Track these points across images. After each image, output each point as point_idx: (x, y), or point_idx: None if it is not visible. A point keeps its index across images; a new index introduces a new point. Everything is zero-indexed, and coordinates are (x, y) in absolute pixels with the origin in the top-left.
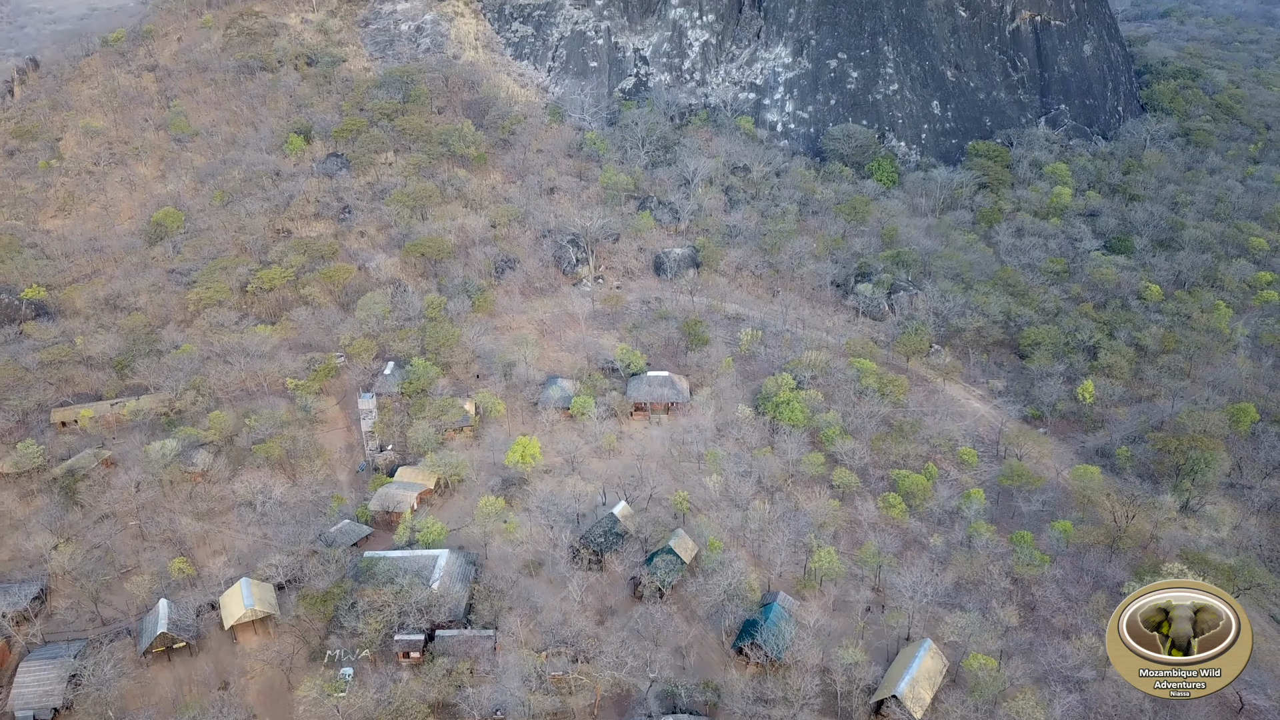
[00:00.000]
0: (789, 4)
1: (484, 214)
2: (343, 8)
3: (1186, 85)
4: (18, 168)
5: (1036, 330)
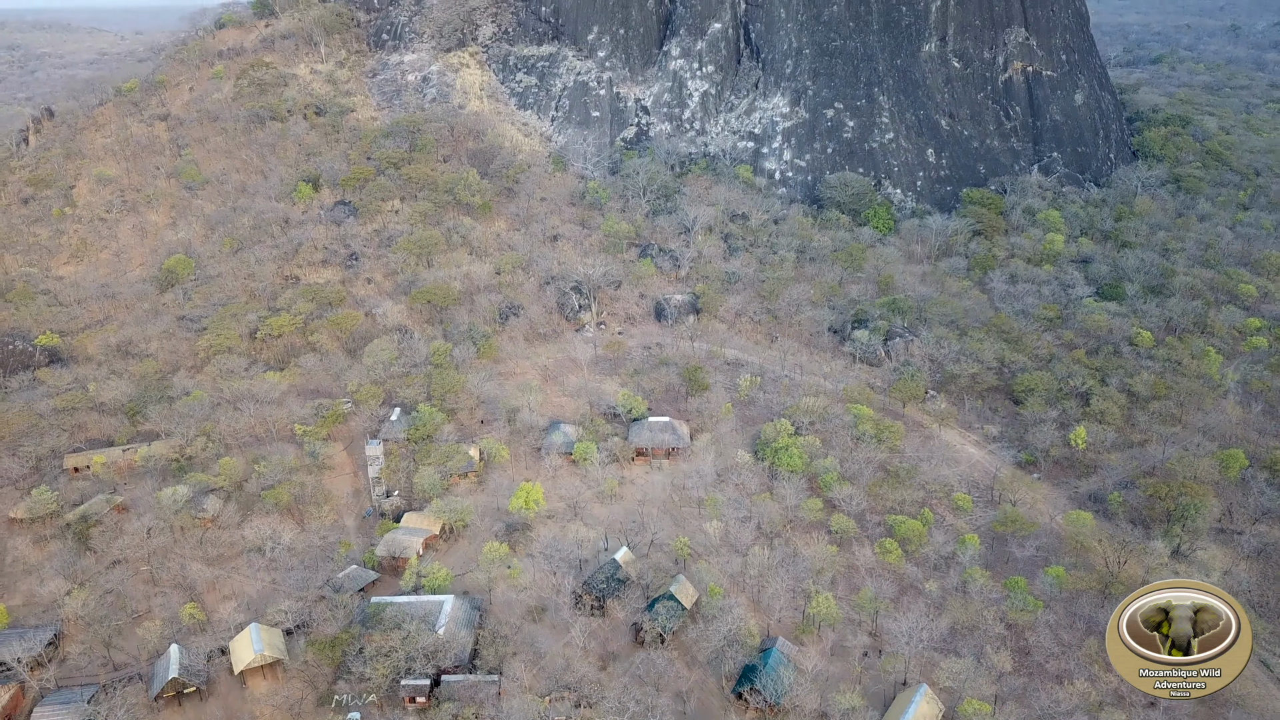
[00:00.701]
0: (786, 55)
1: (489, 261)
2: (351, 59)
3: (1177, 132)
4: (32, 215)
5: (1030, 376)
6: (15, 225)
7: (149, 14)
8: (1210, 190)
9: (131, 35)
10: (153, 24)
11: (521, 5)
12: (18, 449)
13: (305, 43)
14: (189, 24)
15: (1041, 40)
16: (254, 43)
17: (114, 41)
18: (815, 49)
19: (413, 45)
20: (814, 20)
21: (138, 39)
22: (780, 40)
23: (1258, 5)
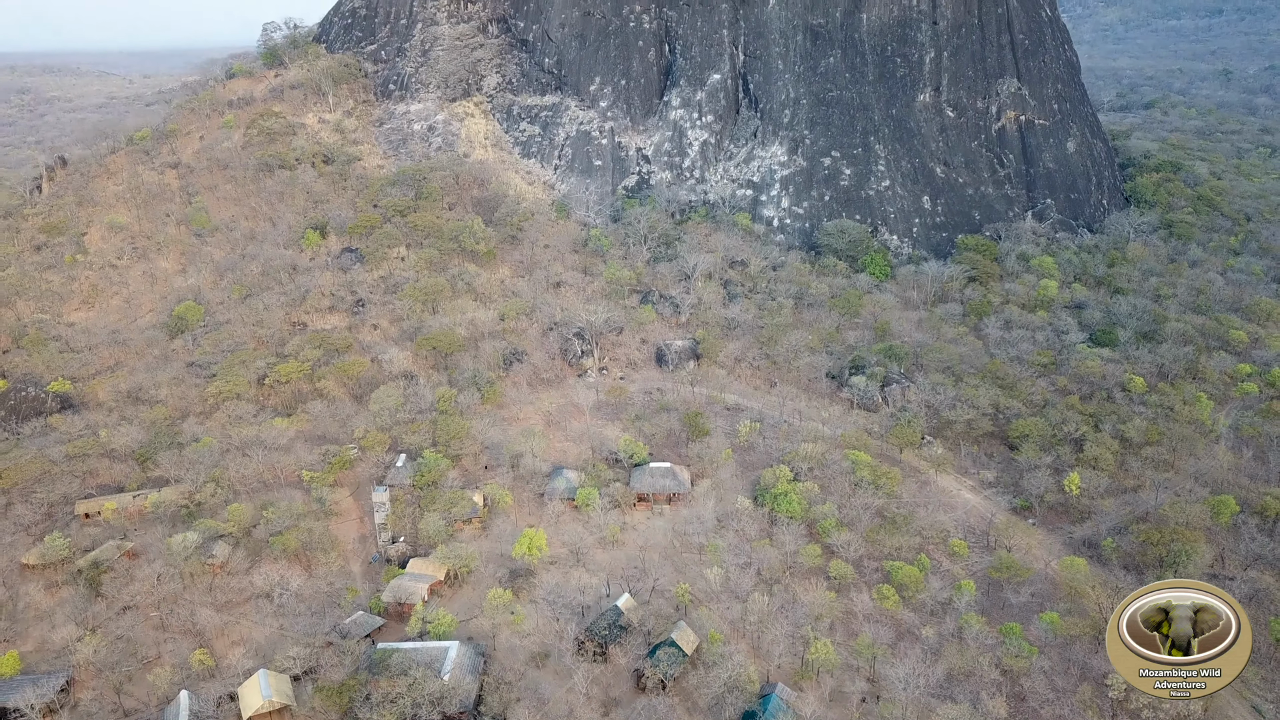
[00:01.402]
0: (784, 105)
1: (493, 307)
2: (358, 108)
3: (1169, 178)
4: (44, 261)
5: (1025, 422)
6: (28, 272)
7: (156, 57)
8: (1202, 236)
9: (139, 79)
10: (160, 68)
11: (525, 56)
12: (30, 495)
13: (314, 93)
14: (196, 68)
15: (1033, 90)
16: (263, 92)
17: (122, 85)
18: (812, 99)
19: (419, 95)
20: (811, 71)
21: (145, 83)
22: (778, 91)
23: (1248, 50)
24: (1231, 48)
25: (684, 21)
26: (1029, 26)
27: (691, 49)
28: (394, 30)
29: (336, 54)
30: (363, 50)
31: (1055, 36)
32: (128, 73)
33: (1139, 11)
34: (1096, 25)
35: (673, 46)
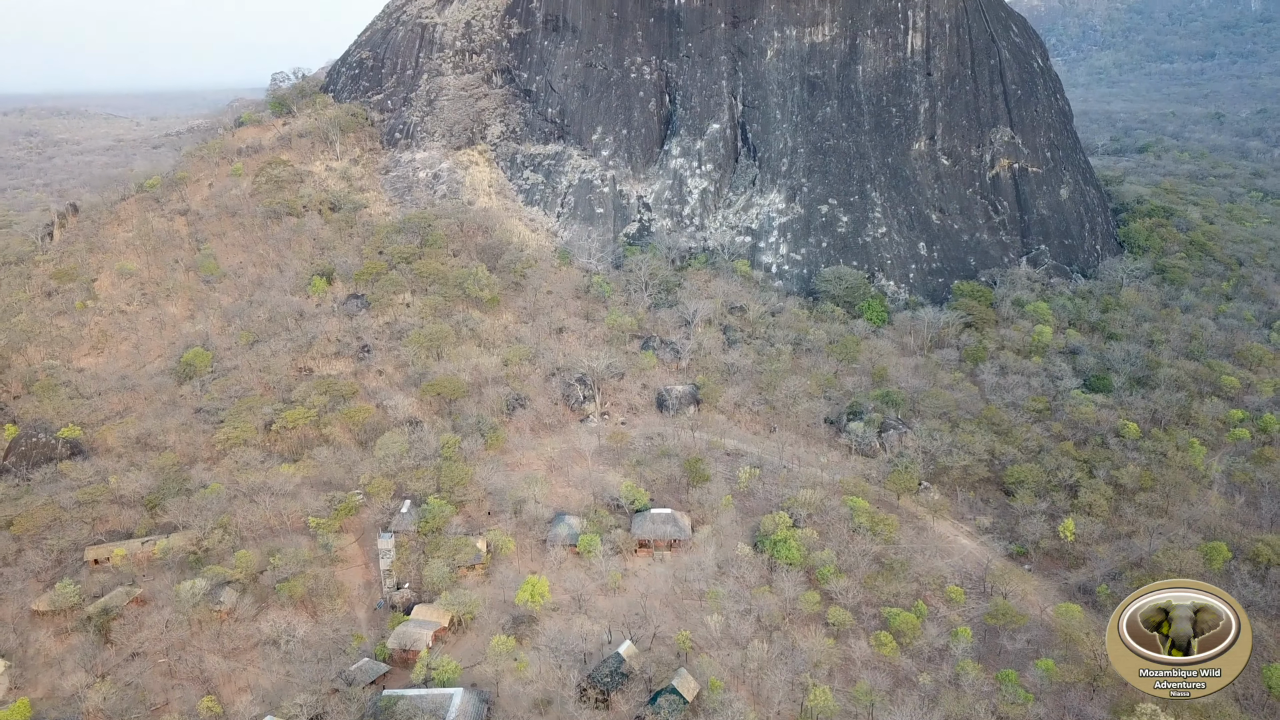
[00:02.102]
0: (782, 155)
1: (496, 353)
2: (364, 156)
3: (1161, 223)
4: (55, 307)
5: (1020, 468)
6: (39, 318)
7: (163, 99)
8: (1194, 280)
9: (146, 121)
10: (167, 109)
11: (529, 106)
12: (41, 542)
13: (321, 141)
14: (202, 110)
15: (1026, 139)
16: (272, 140)
17: (129, 127)
18: (809, 148)
19: (424, 143)
20: (808, 121)
21: (152, 125)
22: (776, 140)
23: (1241, 93)
24: (1224, 91)
25: (684, 73)
26: (1021, 77)
27: (691, 99)
28: (400, 80)
29: (344, 103)
30: (369, 100)
31: (1047, 86)
32: (135, 115)
33: (1133, 55)
34: (1091, 68)
35: (673, 97)
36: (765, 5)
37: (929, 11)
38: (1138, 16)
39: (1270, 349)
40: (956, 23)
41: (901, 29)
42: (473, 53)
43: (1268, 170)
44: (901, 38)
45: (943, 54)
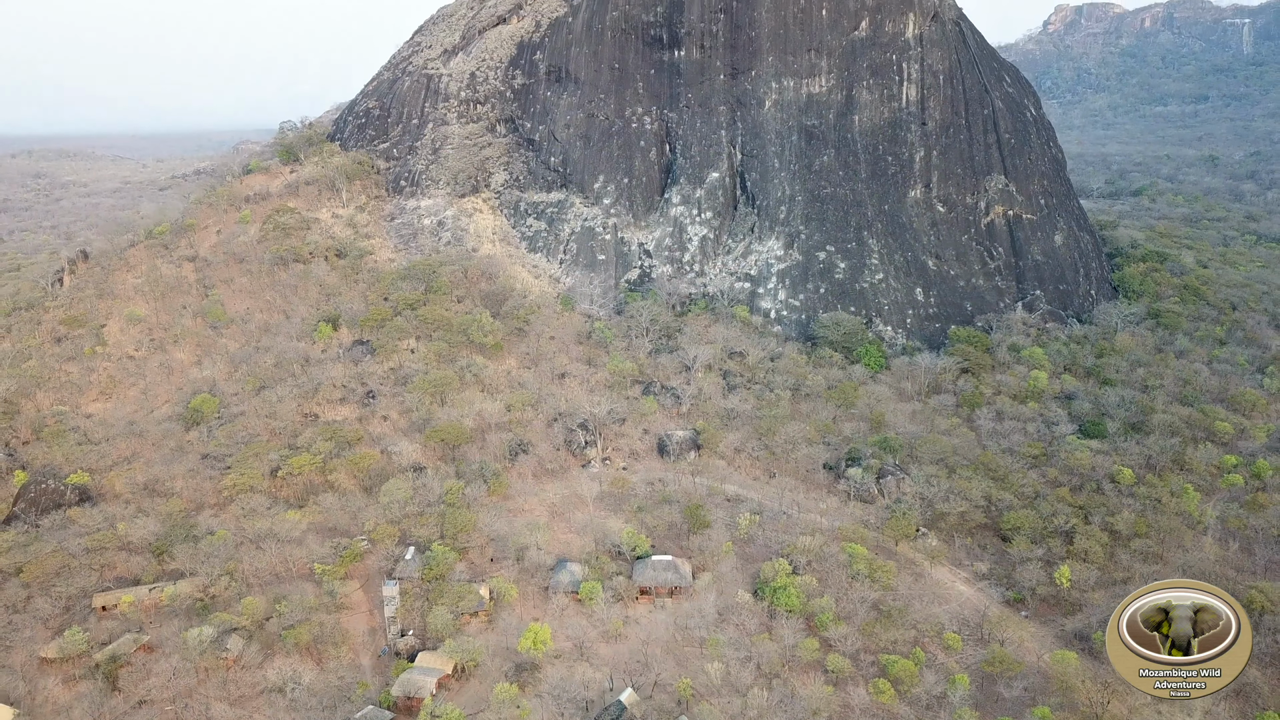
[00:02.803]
0: (780, 202)
1: (499, 399)
2: (370, 203)
3: (1155, 268)
4: (64, 353)
5: (1016, 515)
6: (49, 363)
7: (169, 141)
8: (1188, 325)
9: (153, 163)
10: (173, 151)
11: (532, 155)
12: (50, 589)
13: (328, 188)
14: (209, 152)
15: (1020, 186)
16: (279, 188)
17: (136, 169)
18: (807, 196)
19: (429, 191)
20: (805, 170)
21: (159, 167)
22: (774, 188)
23: (1234, 136)
24: (1218, 133)
25: (684, 123)
26: (1014, 126)
27: (691, 149)
28: (406, 129)
29: (350, 151)
30: (375, 148)
31: (1040, 135)
32: (141, 157)
33: (1127, 98)
34: (1086, 111)
35: (673, 146)
36: (763, 58)
37: (923, 64)
38: (1131, 60)
39: (1263, 394)
40: (950, 74)
41: (896, 80)
42: (477, 103)
43: (1261, 213)
44: (897, 89)
45: (937, 104)
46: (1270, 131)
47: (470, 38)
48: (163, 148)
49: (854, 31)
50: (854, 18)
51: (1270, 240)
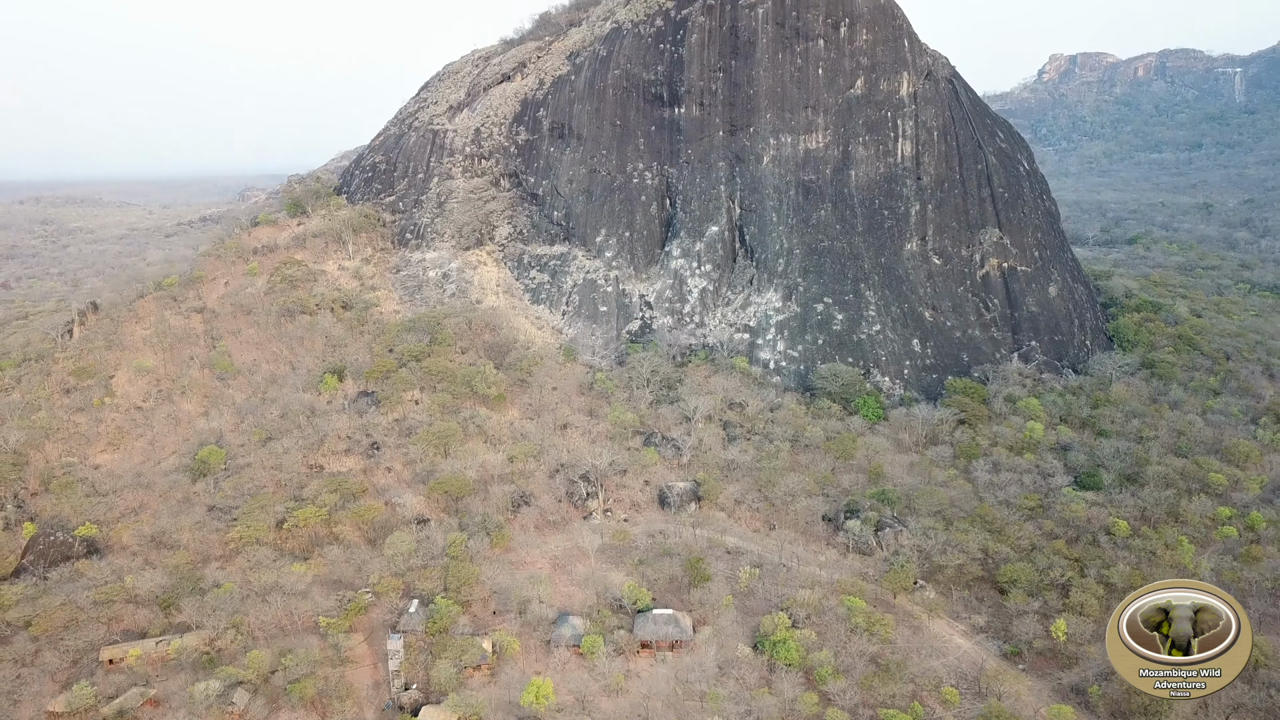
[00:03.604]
0: (778, 255)
1: (502, 450)
2: (376, 256)
3: (1149, 318)
4: (73, 404)
5: (1013, 567)
6: (58, 414)
7: (175, 186)
8: (1183, 375)
9: (159, 209)
10: (178, 197)
11: (535, 209)
12: (59, 642)
13: (334, 241)
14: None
15: (1014, 239)
16: (286, 240)
17: (142, 216)
18: (805, 249)
19: (434, 244)
20: (803, 223)
21: (164, 213)
22: (772, 241)
23: (1228, 183)
24: (1212, 181)
25: (684, 178)
26: (1007, 180)
27: (691, 203)
28: (412, 183)
29: (357, 204)
30: (382, 201)
31: (1033, 189)
32: (147, 202)
33: (1122, 145)
34: (1082, 158)
35: (673, 201)
36: (761, 115)
37: (918, 120)
38: (1125, 108)
39: (1257, 445)
40: (944, 130)
41: (892, 136)
42: (482, 158)
43: (1255, 261)
44: (892, 144)
45: (932, 160)
46: (1264, 179)
47: (475, 94)
48: (168, 193)
49: (850, 90)
50: (849, 76)
51: (1264, 289)
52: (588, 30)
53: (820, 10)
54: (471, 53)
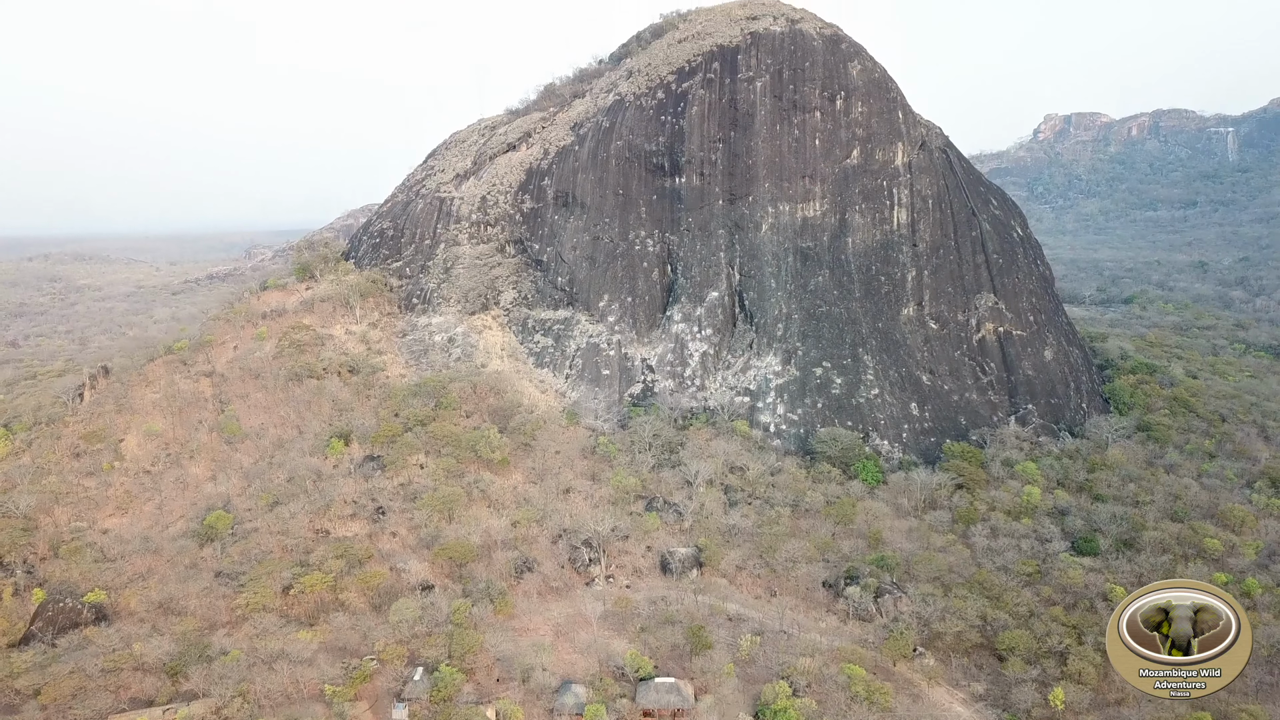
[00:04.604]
0: (777, 320)
1: (505, 515)
2: (383, 320)
3: (1145, 380)
4: (83, 468)
5: (1011, 635)
6: (67, 478)
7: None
8: (1178, 438)
9: (166, 266)
10: (185, 253)
11: (540, 274)
12: (67, 711)
13: (342, 305)
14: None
15: (1009, 304)
16: (295, 304)
17: (149, 273)
18: (803, 314)
19: (440, 309)
20: (801, 289)
21: (172, 270)
22: (771, 306)
23: (1223, 241)
24: (1207, 239)
25: (685, 245)
26: (1001, 246)
27: (692, 269)
28: (419, 249)
29: (364, 270)
30: (389, 266)
31: (1027, 254)
32: (154, 259)
33: (1118, 203)
34: (1078, 215)
35: (674, 267)
36: (760, 184)
37: (913, 189)
38: (1120, 166)
39: (1252, 510)
40: (939, 198)
41: (888, 205)
42: (488, 224)
43: (1249, 321)
44: (888, 212)
45: (927, 227)
46: (1258, 237)
47: (481, 163)
48: (175, 249)
49: (846, 160)
50: (845, 147)
51: (1259, 349)
52: (591, 102)
53: (816, 84)
54: (478, 122)
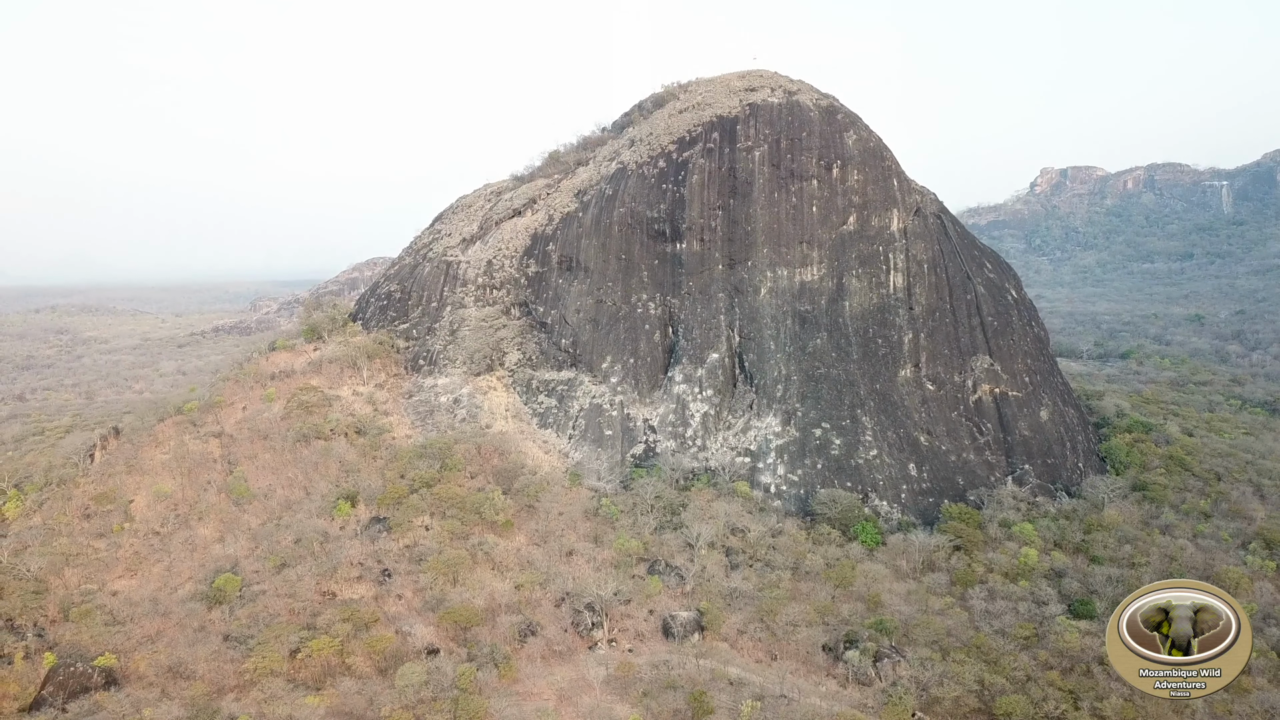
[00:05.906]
0: (777, 381)
1: (509, 578)
2: (389, 381)
3: (1141, 438)
4: (94, 529)
5: (1008, 699)
6: (78, 540)
7: (188, 291)
8: (1174, 497)
9: (171, 318)
10: (189, 304)
11: (544, 336)
12: None
13: (349, 367)
14: (224, 304)
15: (1005, 365)
16: (303, 365)
17: (155, 325)
18: (802, 375)
19: (446, 370)
20: (800, 351)
21: (178, 322)
22: (771, 368)
23: (1219, 294)
24: (1203, 291)
25: (686, 308)
26: (996, 309)
27: (693, 331)
28: (425, 311)
29: (372, 331)
30: (395, 328)
31: (1022, 316)
32: (160, 309)
33: (1115, 255)
34: (1076, 268)
35: (675, 329)
36: (759, 249)
37: (908, 254)
38: (1116, 219)
39: (1246, 572)
40: (934, 263)
41: (884, 269)
42: (493, 288)
43: (1246, 377)
44: (884, 276)
45: (923, 290)
46: (1254, 290)
47: (488, 228)
48: (180, 299)
49: (843, 226)
50: (842, 214)
51: (1254, 405)
52: (594, 169)
53: (813, 153)
54: (484, 187)
